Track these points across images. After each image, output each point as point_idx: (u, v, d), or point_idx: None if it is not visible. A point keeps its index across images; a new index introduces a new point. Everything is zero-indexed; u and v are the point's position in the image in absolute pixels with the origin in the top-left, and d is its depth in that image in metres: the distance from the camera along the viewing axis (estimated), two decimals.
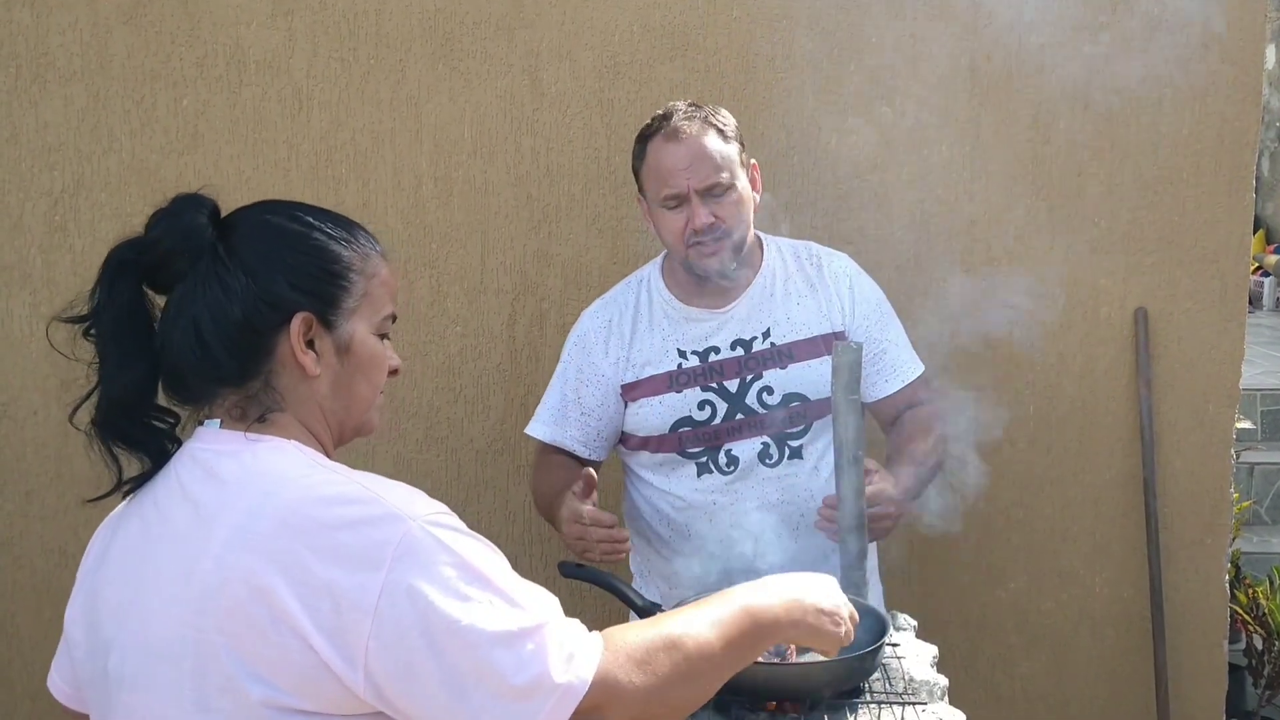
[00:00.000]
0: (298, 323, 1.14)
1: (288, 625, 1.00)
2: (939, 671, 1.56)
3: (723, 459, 1.96)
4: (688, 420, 1.97)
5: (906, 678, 1.52)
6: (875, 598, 2.03)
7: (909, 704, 1.44)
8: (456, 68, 2.69)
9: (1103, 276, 2.74)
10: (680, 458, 1.99)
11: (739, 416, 1.95)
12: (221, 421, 1.16)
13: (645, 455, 2.04)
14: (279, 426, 1.15)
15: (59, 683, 1.26)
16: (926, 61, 2.67)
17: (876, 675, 1.51)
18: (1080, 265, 2.74)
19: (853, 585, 1.76)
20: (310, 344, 1.16)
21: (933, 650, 1.62)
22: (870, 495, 1.74)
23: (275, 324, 1.14)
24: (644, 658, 1.06)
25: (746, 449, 1.97)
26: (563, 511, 1.81)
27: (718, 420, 1.98)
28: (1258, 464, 4.26)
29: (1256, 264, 8.57)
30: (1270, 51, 9.33)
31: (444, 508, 1.08)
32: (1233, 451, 2.84)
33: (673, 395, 1.98)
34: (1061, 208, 2.73)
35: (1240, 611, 3.21)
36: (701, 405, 1.99)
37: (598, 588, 1.63)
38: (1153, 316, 2.73)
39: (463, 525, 1.07)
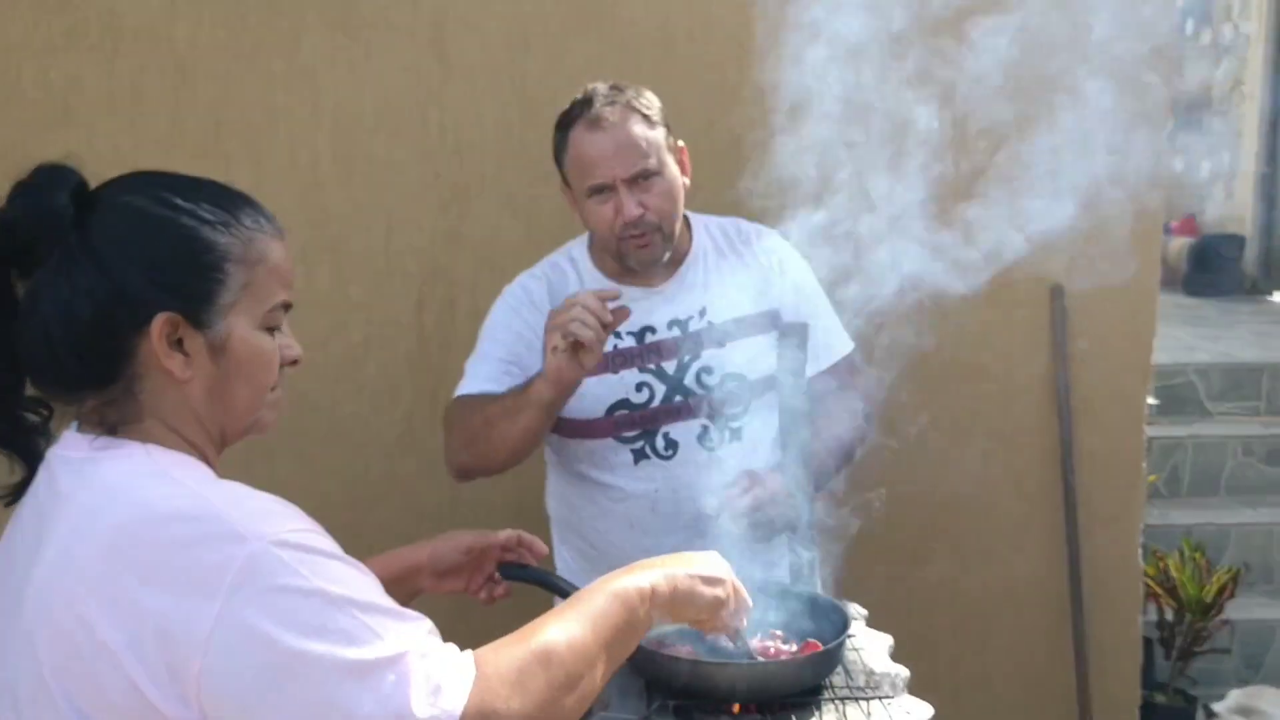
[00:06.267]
0: (159, 324, 0.98)
1: (108, 661, 0.89)
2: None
3: (660, 443, 1.89)
4: (624, 403, 1.89)
5: (866, 670, 1.45)
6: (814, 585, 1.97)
7: (874, 699, 1.37)
8: (356, 37, 2.55)
9: (1021, 254, 2.74)
10: (616, 443, 1.90)
11: (677, 399, 1.88)
12: (79, 425, 1.02)
13: (576, 446, 1.93)
14: (141, 433, 1.00)
15: None
16: (843, 34, 2.62)
17: (835, 670, 1.44)
18: (1000, 243, 2.73)
19: (799, 573, 1.70)
20: (180, 343, 1.00)
21: (888, 640, 1.56)
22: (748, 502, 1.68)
23: (133, 325, 0.99)
24: (519, 678, 0.96)
25: (684, 432, 1.90)
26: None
27: (656, 402, 1.91)
28: (1155, 438, 4.37)
29: None
30: None
31: (305, 525, 0.95)
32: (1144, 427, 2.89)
33: (609, 376, 1.90)
34: (982, 185, 2.71)
35: (1151, 584, 3.27)
36: (639, 387, 1.91)
37: (540, 588, 1.51)
38: (1069, 294, 2.75)
39: (325, 544, 0.95)
